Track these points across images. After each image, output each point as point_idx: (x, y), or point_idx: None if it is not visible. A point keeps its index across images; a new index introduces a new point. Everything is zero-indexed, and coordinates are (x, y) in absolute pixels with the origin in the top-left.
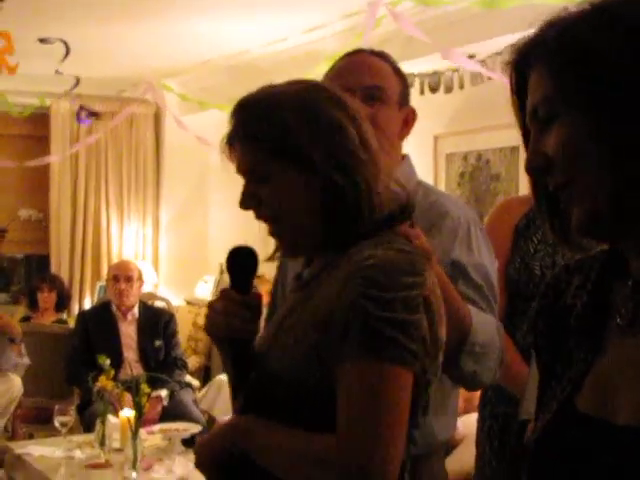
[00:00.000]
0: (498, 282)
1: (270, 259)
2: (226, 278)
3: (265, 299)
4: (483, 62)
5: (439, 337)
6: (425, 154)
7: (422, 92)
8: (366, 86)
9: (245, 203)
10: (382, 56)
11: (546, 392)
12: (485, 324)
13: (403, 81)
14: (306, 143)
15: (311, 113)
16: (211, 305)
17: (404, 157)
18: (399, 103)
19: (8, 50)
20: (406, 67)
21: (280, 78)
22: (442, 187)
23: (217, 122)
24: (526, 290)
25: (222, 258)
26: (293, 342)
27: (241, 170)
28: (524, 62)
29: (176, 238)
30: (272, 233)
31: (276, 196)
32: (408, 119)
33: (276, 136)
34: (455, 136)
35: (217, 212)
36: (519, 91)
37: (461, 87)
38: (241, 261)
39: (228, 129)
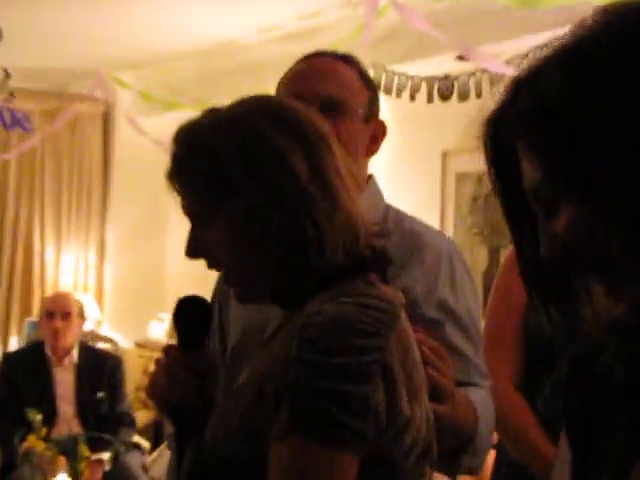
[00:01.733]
0: (515, 335)
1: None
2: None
3: None
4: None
5: (400, 412)
6: (431, 173)
7: (430, 99)
8: (325, 97)
9: (191, 252)
10: (348, 61)
11: (583, 476)
12: (486, 409)
13: (372, 90)
14: (240, 177)
15: (247, 140)
16: (157, 362)
17: (369, 178)
18: (365, 116)
19: None
20: (413, 69)
21: (265, 74)
22: (450, 213)
23: None
24: (549, 344)
25: (182, 290)
26: (232, 409)
27: (183, 211)
28: (501, 134)
29: (125, 266)
30: (225, 281)
31: (219, 242)
32: (377, 134)
33: (206, 170)
34: (468, 153)
35: (177, 235)
36: (500, 167)
37: (478, 95)
38: (190, 314)
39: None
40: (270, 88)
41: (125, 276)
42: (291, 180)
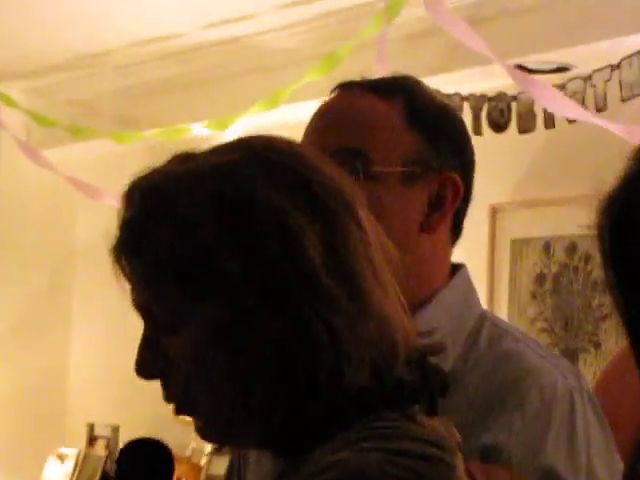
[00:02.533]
0: None
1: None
2: (97, 453)
3: None
4: (586, 80)
5: None
6: (473, 239)
7: (477, 129)
8: (342, 148)
9: (145, 369)
10: (389, 92)
11: None
12: None
13: (427, 134)
14: (221, 261)
15: (234, 204)
16: None
17: (456, 268)
18: (406, 174)
19: None
20: (450, 85)
21: (228, 89)
22: (503, 299)
23: (98, 163)
24: None
25: (92, 413)
26: None
27: (134, 306)
28: (628, 223)
29: (7, 376)
30: (179, 411)
31: (185, 354)
32: (442, 196)
33: (172, 249)
34: (529, 209)
35: (85, 329)
36: (624, 269)
37: (548, 125)
38: (143, 466)
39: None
40: (227, 107)
41: (7, 392)
42: (298, 266)
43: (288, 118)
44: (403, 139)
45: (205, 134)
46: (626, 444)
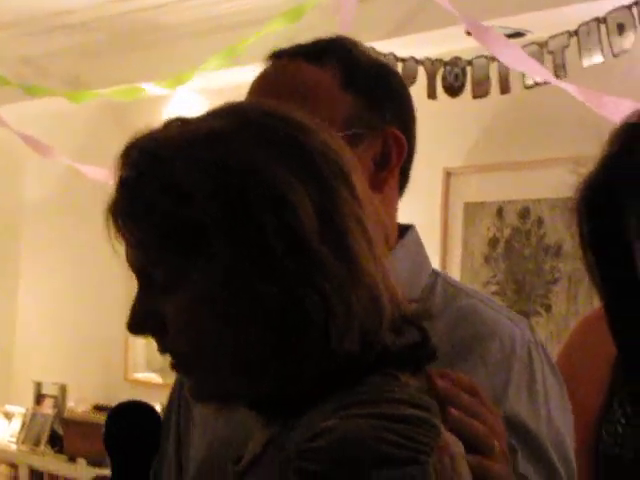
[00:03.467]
0: (582, 455)
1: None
2: (44, 411)
3: None
4: (542, 46)
5: None
6: (427, 203)
7: (432, 94)
8: None
9: (137, 326)
10: (323, 58)
11: None
12: None
13: (368, 96)
14: (214, 226)
15: (228, 170)
16: None
17: (404, 229)
18: (350, 137)
19: None
20: (405, 49)
21: (181, 48)
22: (456, 262)
23: (48, 120)
24: (634, 470)
25: (42, 371)
26: None
27: (129, 265)
28: (607, 199)
29: None
30: (176, 367)
31: (178, 314)
32: (387, 152)
33: (167, 211)
34: (483, 174)
35: (35, 284)
36: (601, 242)
37: (503, 90)
38: (130, 431)
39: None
40: (180, 65)
41: None
42: (290, 233)
43: (248, 78)
44: (341, 102)
45: (158, 93)
46: (589, 406)
